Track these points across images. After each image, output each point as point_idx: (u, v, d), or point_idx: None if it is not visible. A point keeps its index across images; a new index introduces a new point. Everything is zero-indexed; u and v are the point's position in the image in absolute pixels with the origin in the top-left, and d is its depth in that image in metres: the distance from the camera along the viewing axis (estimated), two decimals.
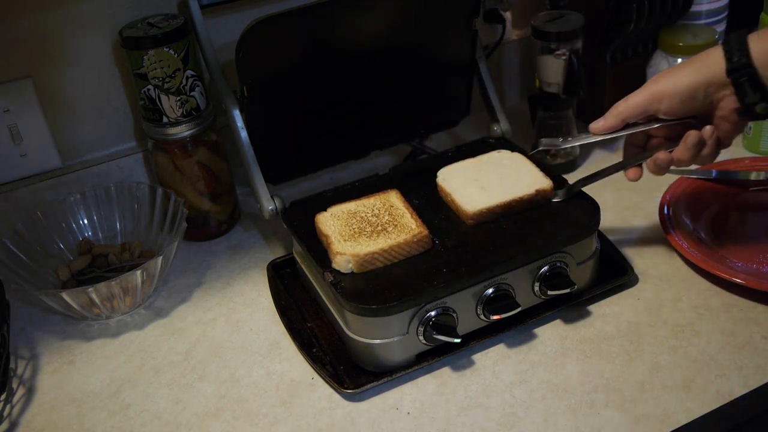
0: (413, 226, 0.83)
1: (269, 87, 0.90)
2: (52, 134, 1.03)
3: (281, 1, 1.06)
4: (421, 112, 1.06)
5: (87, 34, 0.99)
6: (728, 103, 0.76)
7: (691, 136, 0.77)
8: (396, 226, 0.83)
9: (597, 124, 0.82)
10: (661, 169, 0.81)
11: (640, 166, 0.84)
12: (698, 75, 0.76)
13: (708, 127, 0.77)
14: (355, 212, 0.87)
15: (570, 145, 0.86)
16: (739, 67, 0.73)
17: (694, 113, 0.79)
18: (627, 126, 0.82)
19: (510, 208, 0.85)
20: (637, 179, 0.84)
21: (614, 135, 0.83)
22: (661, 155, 0.80)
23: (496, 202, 0.85)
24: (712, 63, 0.75)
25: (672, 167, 0.81)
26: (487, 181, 0.89)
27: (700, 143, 0.78)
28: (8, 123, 0.99)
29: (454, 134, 1.20)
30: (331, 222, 0.85)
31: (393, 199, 0.89)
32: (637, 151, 0.85)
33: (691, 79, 0.76)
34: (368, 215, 0.86)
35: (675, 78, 0.77)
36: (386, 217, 0.85)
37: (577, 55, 1.02)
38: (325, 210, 0.87)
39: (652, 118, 0.81)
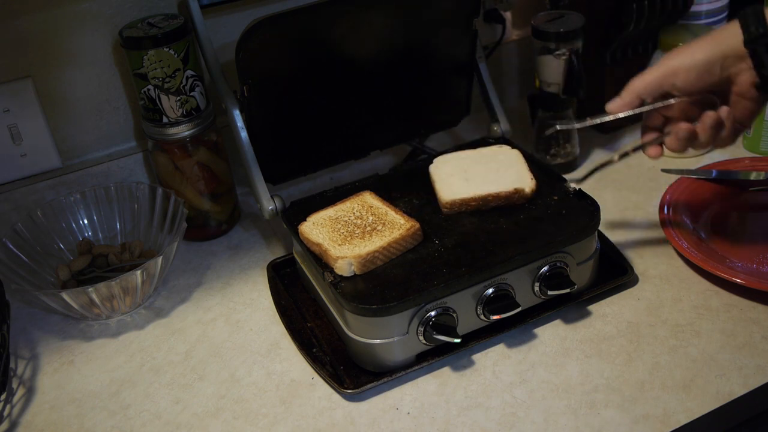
0: (402, 222, 0.83)
1: (269, 87, 0.90)
2: (52, 134, 1.03)
3: (281, 1, 1.06)
4: (421, 112, 1.06)
5: (87, 34, 0.99)
6: (746, 77, 0.75)
7: (709, 116, 0.76)
8: (384, 224, 0.84)
9: (613, 103, 0.81)
10: (681, 143, 0.79)
11: (660, 144, 0.83)
12: (715, 48, 0.75)
13: (725, 108, 0.77)
14: (337, 218, 0.87)
15: (586, 125, 0.85)
16: (757, 37, 0.72)
17: (710, 89, 0.77)
18: (643, 105, 0.81)
19: (485, 203, 0.86)
20: (657, 157, 0.83)
21: (630, 113, 0.81)
22: (683, 125, 0.78)
23: (471, 194, 0.86)
24: (729, 36, 0.74)
25: (688, 153, 0.79)
26: (473, 173, 0.90)
27: (718, 124, 0.77)
28: (8, 123, 0.99)
29: (454, 134, 1.20)
30: (317, 230, 0.85)
31: (370, 199, 0.89)
32: (654, 134, 0.84)
33: (707, 52, 0.75)
34: (351, 218, 0.86)
35: (691, 52, 0.76)
36: (371, 218, 0.85)
37: (577, 55, 1.02)
38: (305, 220, 0.87)
39: (668, 95, 0.80)
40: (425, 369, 0.79)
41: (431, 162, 0.94)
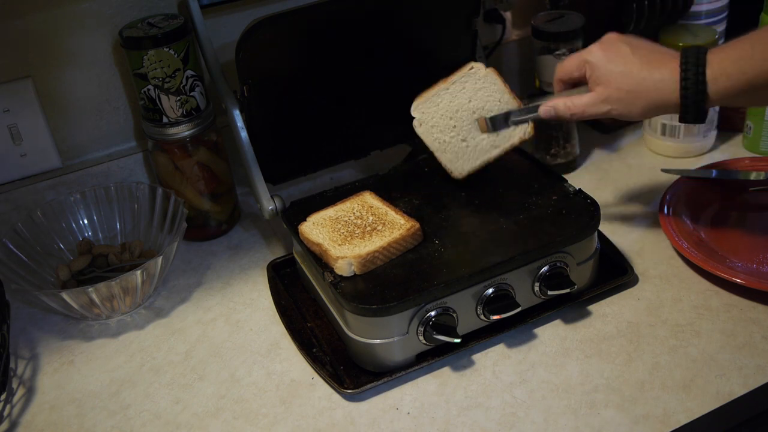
0: (402, 221, 0.83)
1: (269, 87, 0.90)
2: (52, 134, 1.03)
3: (281, 1, 1.06)
4: None
5: (87, 34, 0.99)
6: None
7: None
8: (385, 224, 0.84)
9: (544, 111, 0.82)
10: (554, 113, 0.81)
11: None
12: (650, 105, 0.76)
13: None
14: (337, 218, 0.87)
15: (531, 106, 0.85)
16: (695, 93, 0.73)
17: None
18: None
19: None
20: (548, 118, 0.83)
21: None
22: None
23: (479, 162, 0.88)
24: (665, 91, 0.74)
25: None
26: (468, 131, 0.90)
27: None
28: (8, 123, 0.99)
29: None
30: (317, 230, 0.85)
31: (370, 199, 0.89)
32: (566, 87, 0.84)
33: (642, 106, 0.76)
34: (351, 218, 0.86)
35: (627, 106, 0.76)
36: (371, 218, 0.85)
37: None
38: (305, 220, 0.87)
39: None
40: (425, 369, 0.79)
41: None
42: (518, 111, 0.86)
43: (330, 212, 0.88)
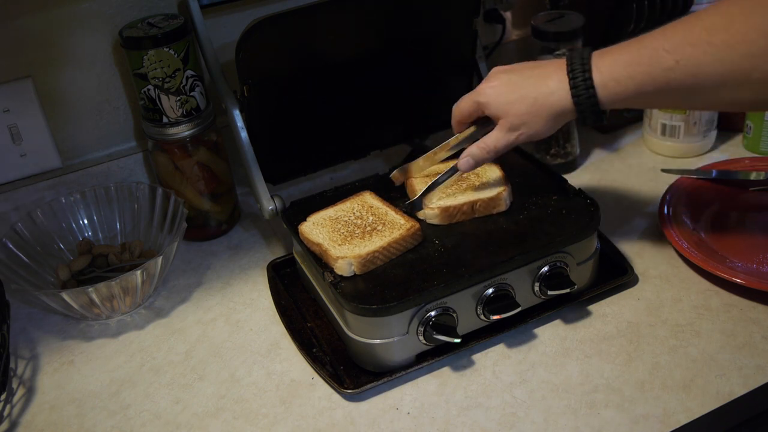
0: (402, 222, 0.83)
1: (269, 87, 0.90)
2: (52, 134, 1.03)
3: (281, 1, 1.06)
4: (421, 112, 1.06)
5: (87, 34, 0.99)
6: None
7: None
8: (384, 224, 0.84)
9: (463, 165, 0.83)
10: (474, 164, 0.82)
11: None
12: (551, 118, 0.76)
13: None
14: (337, 218, 0.87)
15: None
16: (587, 99, 0.74)
17: None
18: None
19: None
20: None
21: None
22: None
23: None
24: (559, 101, 0.75)
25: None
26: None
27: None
28: (8, 123, 0.99)
29: (454, 134, 1.20)
30: (317, 230, 0.85)
31: (370, 199, 0.89)
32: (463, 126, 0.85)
33: (547, 124, 0.77)
34: (351, 218, 0.86)
35: (532, 126, 0.77)
36: (371, 218, 0.86)
37: None
38: (305, 220, 0.87)
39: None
40: (425, 369, 0.79)
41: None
42: (437, 180, 0.85)
43: (330, 212, 0.88)
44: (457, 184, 0.88)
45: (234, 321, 0.90)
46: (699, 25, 0.68)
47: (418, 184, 0.90)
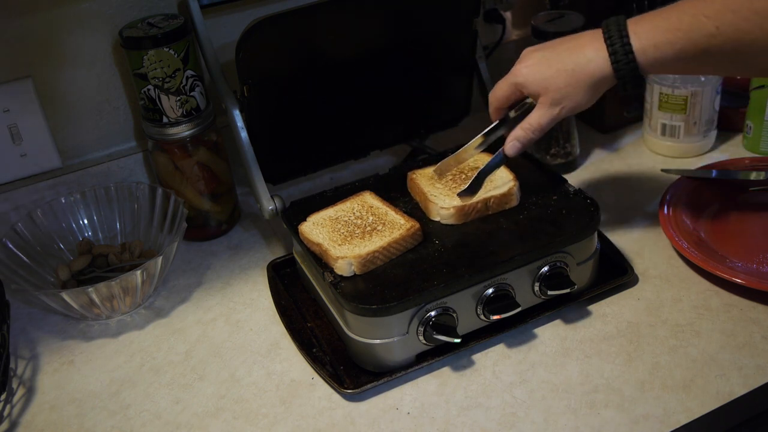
0: (402, 222, 0.84)
1: (269, 87, 0.90)
2: (52, 134, 1.03)
3: (281, 1, 1.06)
4: (421, 112, 1.06)
5: (87, 34, 0.99)
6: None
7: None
8: (385, 224, 0.84)
9: (510, 149, 0.83)
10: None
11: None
12: (592, 87, 0.76)
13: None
14: (337, 218, 0.87)
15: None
16: (626, 64, 0.73)
17: None
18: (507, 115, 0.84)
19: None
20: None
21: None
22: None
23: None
24: (598, 69, 0.75)
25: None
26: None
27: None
28: (8, 123, 0.99)
29: (454, 134, 1.20)
30: (317, 230, 0.85)
31: (370, 199, 0.89)
32: (503, 114, 0.84)
33: (588, 93, 0.76)
34: (351, 218, 0.86)
35: (574, 98, 0.77)
36: (371, 218, 0.86)
37: None
38: (305, 220, 0.87)
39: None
40: (425, 369, 0.79)
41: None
42: (486, 167, 0.85)
43: (330, 212, 0.88)
44: (465, 184, 0.88)
45: (234, 321, 0.90)
46: None
47: (423, 184, 0.90)
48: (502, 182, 0.88)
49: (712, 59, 0.70)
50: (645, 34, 0.72)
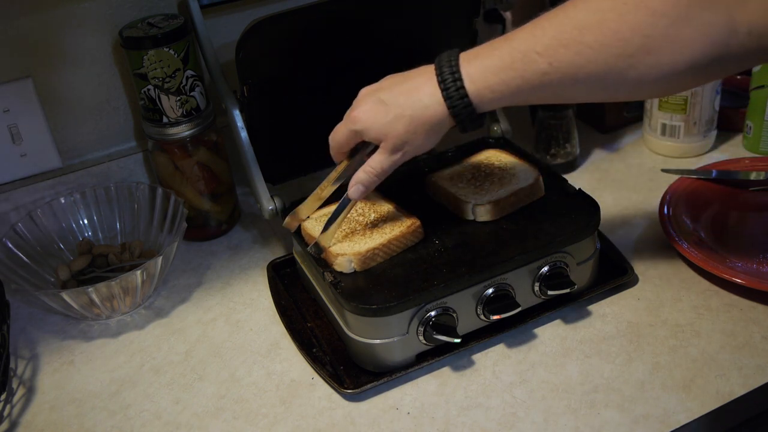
0: (403, 218, 0.83)
1: (269, 87, 0.90)
2: (52, 134, 1.03)
3: (281, 1, 1.06)
4: None
5: (87, 34, 0.99)
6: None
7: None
8: (386, 221, 0.84)
9: (354, 194, 0.79)
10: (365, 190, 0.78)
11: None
12: (431, 131, 0.74)
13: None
14: None
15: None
16: (466, 111, 0.71)
17: None
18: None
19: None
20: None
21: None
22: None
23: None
24: (436, 112, 0.72)
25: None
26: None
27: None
28: (8, 123, 0.99)
29: (454, 134, 1.20)
30: (319, 227, 0.85)
31: (373, 196, 0.89)
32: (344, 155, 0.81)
33: (428, 137, 0.74)
34: (353, 215, 0.86)
35: (413, 142, 0.74)
36: (372, 215, 0.86)
37: None
38: (308, 217, 0.87)
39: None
40: (425, 369, 0.79)
41: (433, 167, 0.94)
42: (333, 215, 0.81)
43: (332, 209, 0.88)
44: (489, 180, 0.88)
45: (234, 321, 0.90)
46: (569, 23, 0.65)
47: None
48: (524, 174, 0.89)
49: (549, 93, 0.68)
50: (478, 75, 0.70)
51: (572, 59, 0.65)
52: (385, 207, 0.87)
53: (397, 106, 0.73)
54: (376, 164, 0.77)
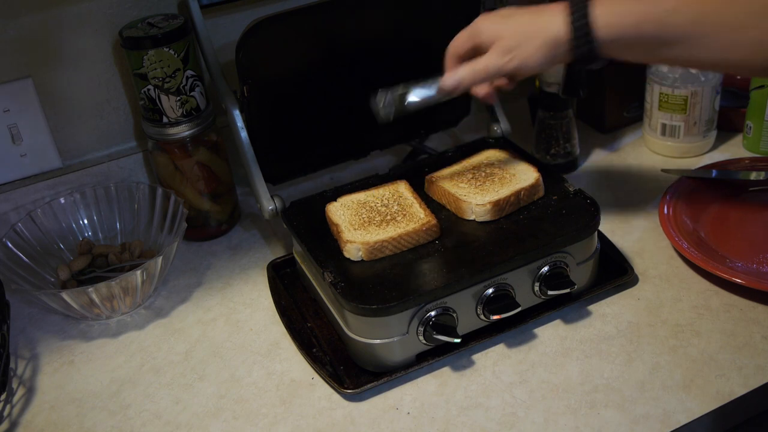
0: (422, 216, 0.84)
1: (269, 87, 0.90)
2: (52, 134, 1.03)
3: (281, 1, 1.06)
4: (421, 112, 1.06)
5: (87, 34, 0.99)
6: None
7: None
8: (405, 215, 0.85)
9: (447, 80, 0.80)
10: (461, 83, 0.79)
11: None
12: (544, 46, 0.75)
13: None
14: (365, 202, 0.88)
15: (408, 93, 0.82)
16: (582, 42, 0.73)
17: None
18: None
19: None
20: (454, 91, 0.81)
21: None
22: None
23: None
24: (555, 26, 0.74)
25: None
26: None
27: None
28: (8, 123, 0.99)
29: (454, 134, 1.20)
30: (342, 212, 0.87)
31: (402, 189, 0.91)
32: (459, 63, 0.82)
33: (537, 51, 0.75)
34: (378, 205, 0.87)
35: (524, 51, 0.75)
36: (395, 207, 0.86)
37: None
38: (335, 200, 0.89)
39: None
40: (425, 369, 0.79)
41: (434, 167, 0.95)
42: (414, 89, 0.81)
43: (361, 196, 0.90)
44: (489, 180, 0.89)
45: (234, 321, 0.90)
46: None
47: (447, 186, 0.89)
48: (526, 175, 0.89)
49: (669, 40, 0.70)
50: (607, 7, 0.72)
51: (699, 4, 0.68)
52: (410, 202, 0.87)
53: (520, 16, 0.77)
54: (481, 63, 0.78)
